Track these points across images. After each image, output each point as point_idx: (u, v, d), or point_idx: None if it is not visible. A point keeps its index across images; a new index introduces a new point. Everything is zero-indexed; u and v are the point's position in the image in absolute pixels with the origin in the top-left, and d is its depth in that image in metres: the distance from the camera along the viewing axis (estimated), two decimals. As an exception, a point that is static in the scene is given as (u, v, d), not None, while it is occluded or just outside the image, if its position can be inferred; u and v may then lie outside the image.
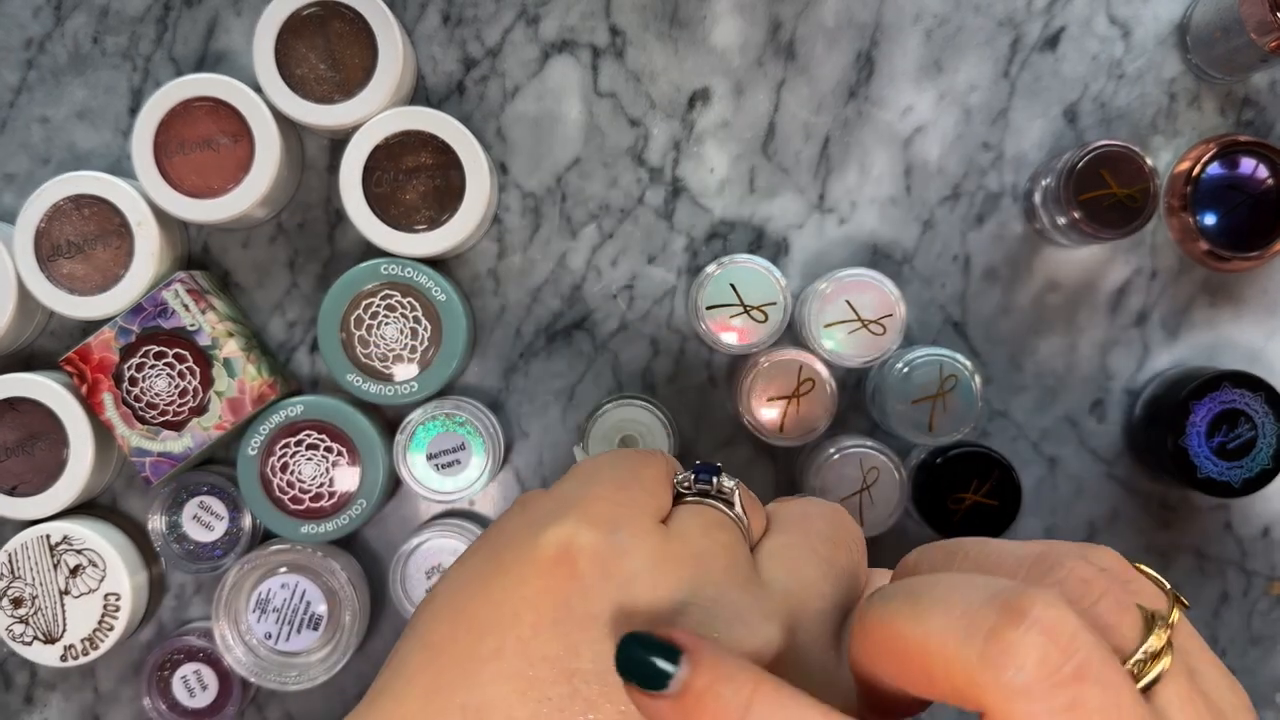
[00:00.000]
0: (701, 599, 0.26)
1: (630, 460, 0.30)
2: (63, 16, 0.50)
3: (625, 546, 0.27)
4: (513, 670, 0.25)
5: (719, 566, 0.27)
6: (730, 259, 0.47)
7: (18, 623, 0.48)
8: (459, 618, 0.27)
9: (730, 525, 0.29)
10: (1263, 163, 0.48)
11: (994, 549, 0.26)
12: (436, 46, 0.50)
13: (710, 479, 0.30)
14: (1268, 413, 0.47)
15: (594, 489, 0.28)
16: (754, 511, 0.30)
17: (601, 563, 0.26)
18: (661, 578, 0.26)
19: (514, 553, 0.27)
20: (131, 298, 0.47)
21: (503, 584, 0.27)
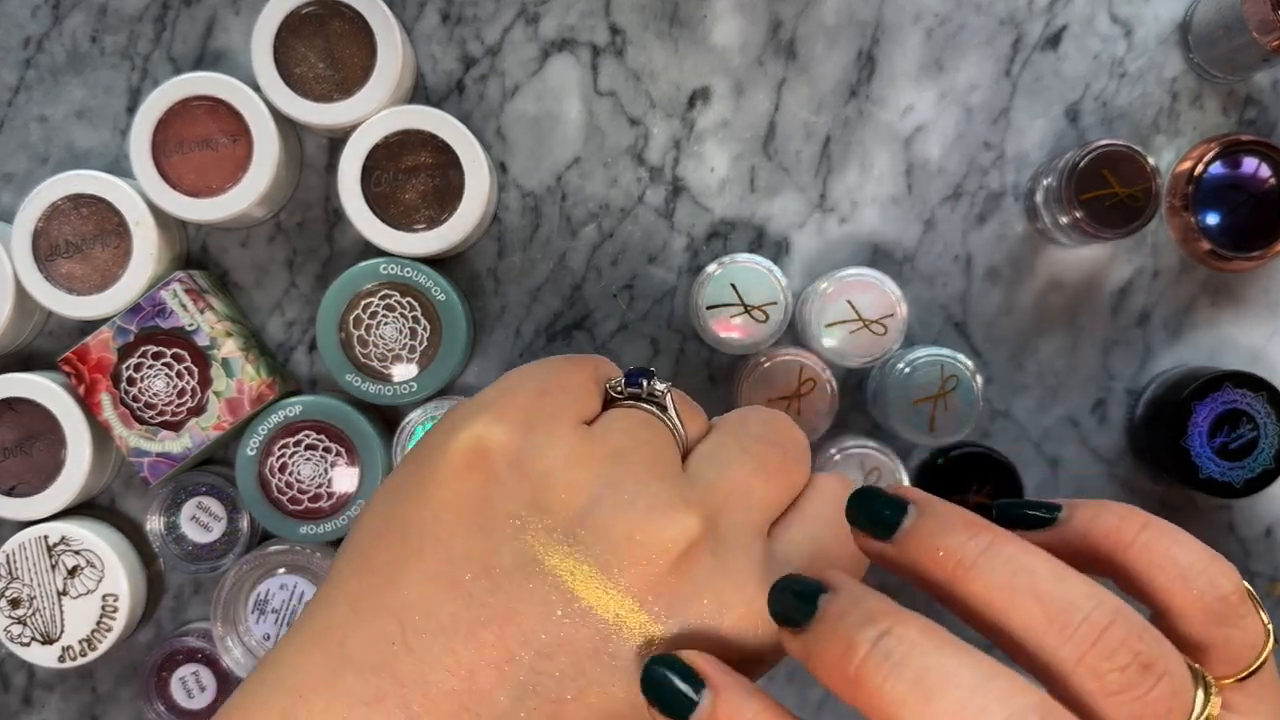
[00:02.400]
0: (619, 491, 0.27)
1: (555, 365, 0.30)
2: (61, 16, 0.50)
3: (540, 444, 0.27)
4: (435, 570, 0.26)
5: (640, 461, 0.28)
6: (731, 259, 0.47)
7: (16, 624, 0.48)
8: (385, 523, 0.28)
9: (656, 424, 0.29)
10: (1265, 162, 0.48)
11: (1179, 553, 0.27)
12: (436, 45, 0.50)
13: (641, 383, 0.30)
14: (1269, 413, 0.47)
15: (512, 393, 0.29)
16: (689, 416, 0.30)
17: (516, 460, 0.27)
18: (578, 473, 0.27)
19: (433, 456, 0.28)
20: (130, 297, 0.47)
21: (423, 486, 0.27)
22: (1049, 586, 0.24)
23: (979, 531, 0.25)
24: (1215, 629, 0.26)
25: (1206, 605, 0.25)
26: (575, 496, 0.27)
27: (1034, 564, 0.24)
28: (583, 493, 0.27)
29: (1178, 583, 0.26)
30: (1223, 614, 0.26)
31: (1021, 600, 0.24)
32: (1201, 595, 0.26)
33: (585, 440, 0.28)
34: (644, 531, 0.26)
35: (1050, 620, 0.24)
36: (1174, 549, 0.27)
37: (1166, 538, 0.27)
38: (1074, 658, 0.24)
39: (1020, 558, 0.24)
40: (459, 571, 0.26)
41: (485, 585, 0.26)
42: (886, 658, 0.23)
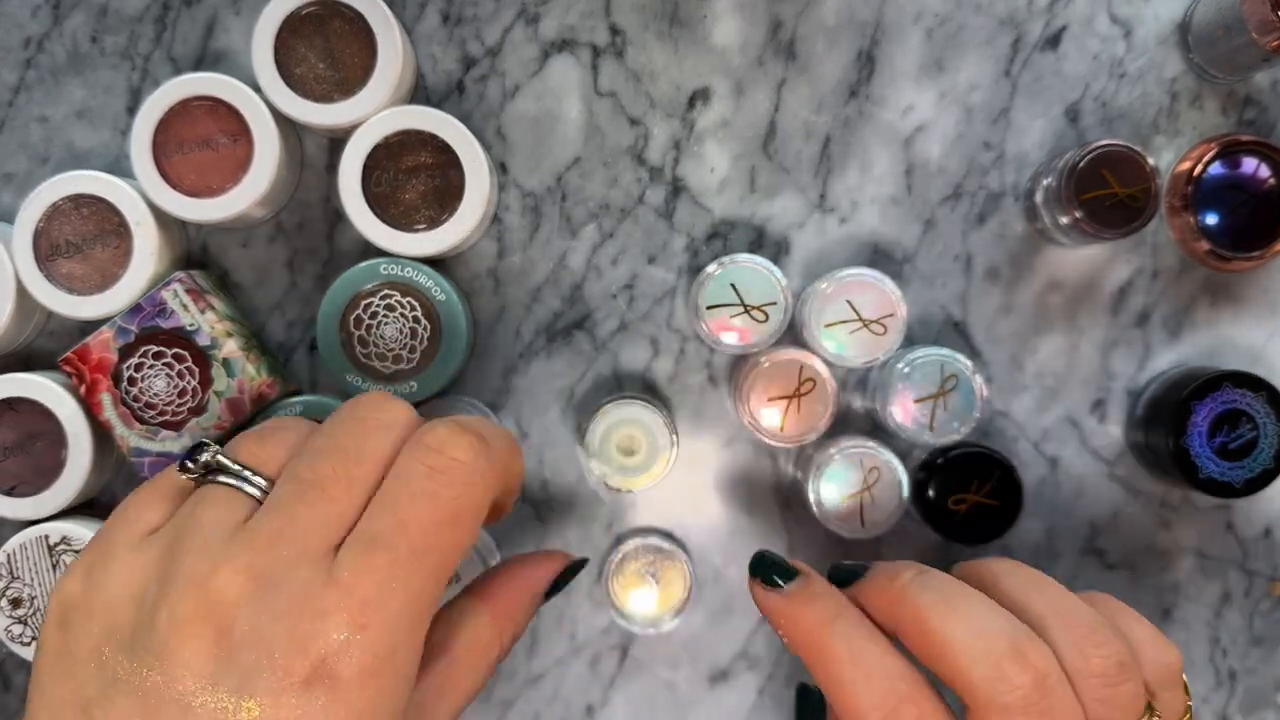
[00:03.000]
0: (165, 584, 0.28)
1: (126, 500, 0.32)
2: (61, 16, 0.50)
3: (99, 580, 0.30)
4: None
5: (184, 547, 0.29)
6: (730, 259, 0.47)
7: (16, 623, 0.48)
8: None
9: (211, 498, 0.30)
10: (1264, 162, 0.48)
11: (1051, 597, 0.34)
12: (436, 46, 0.50)
13: (193, 460, 0.31)
14: (1269, 413, 0.47)
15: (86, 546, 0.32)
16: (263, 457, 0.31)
17: (84, 604, 0.29)
18: (131, 588, 0.29)
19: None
20: (130, 297, 0.47)
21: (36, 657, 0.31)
22: (1067, 600, 0.34)
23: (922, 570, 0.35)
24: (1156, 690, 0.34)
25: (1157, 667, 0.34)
26: (129, 603, 0.28)
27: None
28: (134, 603, 0.28)
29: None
30: (1164, 678, 0.35)
31: (1036, 591, 0.34)
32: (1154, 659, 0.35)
33: (139, 553, 0.30)
34: (180, 609, 0.27)
35: (1060, 610, 0.32)
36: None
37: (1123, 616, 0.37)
38: (1071, 640, 0.31)
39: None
40: (62, 717, 0.28)
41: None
42: (924, 584, 0.33)
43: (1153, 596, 0.51)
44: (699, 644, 0.51)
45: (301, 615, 0.27)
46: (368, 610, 0.28)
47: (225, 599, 0.27)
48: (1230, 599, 0.51)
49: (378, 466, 0.30)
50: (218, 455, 0.31)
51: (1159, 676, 0.33)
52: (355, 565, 0.28)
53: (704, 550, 0.51)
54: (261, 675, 0.27)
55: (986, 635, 0.31)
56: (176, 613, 0.27)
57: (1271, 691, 0.51)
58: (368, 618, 0.28)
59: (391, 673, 0.28)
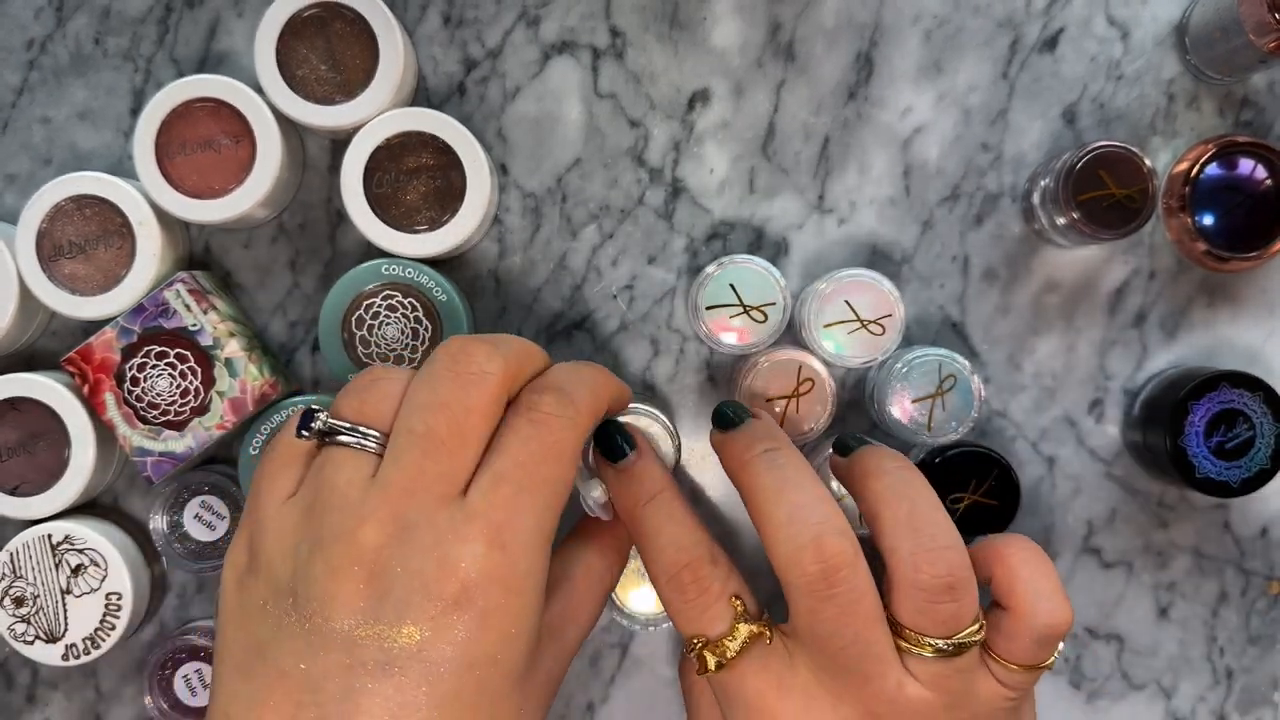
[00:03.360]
0: (313, 540, 0.32)
1: (258, 468, 0.36)
2: (64, 17, 0.50)
3: (256, 542, 0.33)
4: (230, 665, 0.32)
5: (322, 506, 0.32)
6: (730, 259, 0.47)
7: (19, 622, 0.48)
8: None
9: (335, 461, 0.33)
10: (1261, 163, 0.48)
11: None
12: (437, 48, 0.50)
13: (309, 428, 0.35)
14: (1266, 413, 0.47)
15: (244, 509, 0.37)
16: (371, 415, 0.34)
17: (248, 565, 0.34)
18: (284, 544, 0.33)
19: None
20: (133, 298, 0.47)
21: (218, 614, 0.34)
22: (926, 513, 0.37)
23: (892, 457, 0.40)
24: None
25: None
26: (288, 560, 0.32)
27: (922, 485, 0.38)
28: (290, 558, 0.32)
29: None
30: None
31: (902, 499, 0.37)
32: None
33: (284, 514, 0.33)
34: (334, 560, 0.31)
35: (913, 521, 0.36)
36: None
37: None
38: (908, 549, 0.35)
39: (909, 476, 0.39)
40: (246, 661, 0.32)
41: (260, 662, 0.31)
42: (770, 461, 0.38)
43: (1150, 595, 0.52)
44: (698, 642, 0.52)
45: (445, 546, 0.31)
46: (503, 533, 0.32)
47: (373, 545, 0.31)
48: (1227, 598, 0.52)
49: (483, 418, 0.33)
50: (329, 421, 0.34)
51: (1040, 633, 0.36)
52: (486, 498, 0.32)
53: (703, 549, 0.51)
54: (416, 602, 0.30)
55: (796, 523, 0.35)
56: (331, 563, 0.31)
57: (1268, 690, 0.52)
58: (504, 539, 0.32)
59: (530, 590, 0.32)
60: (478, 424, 0.33)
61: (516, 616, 0.32)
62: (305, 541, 0.32)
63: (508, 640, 0.32)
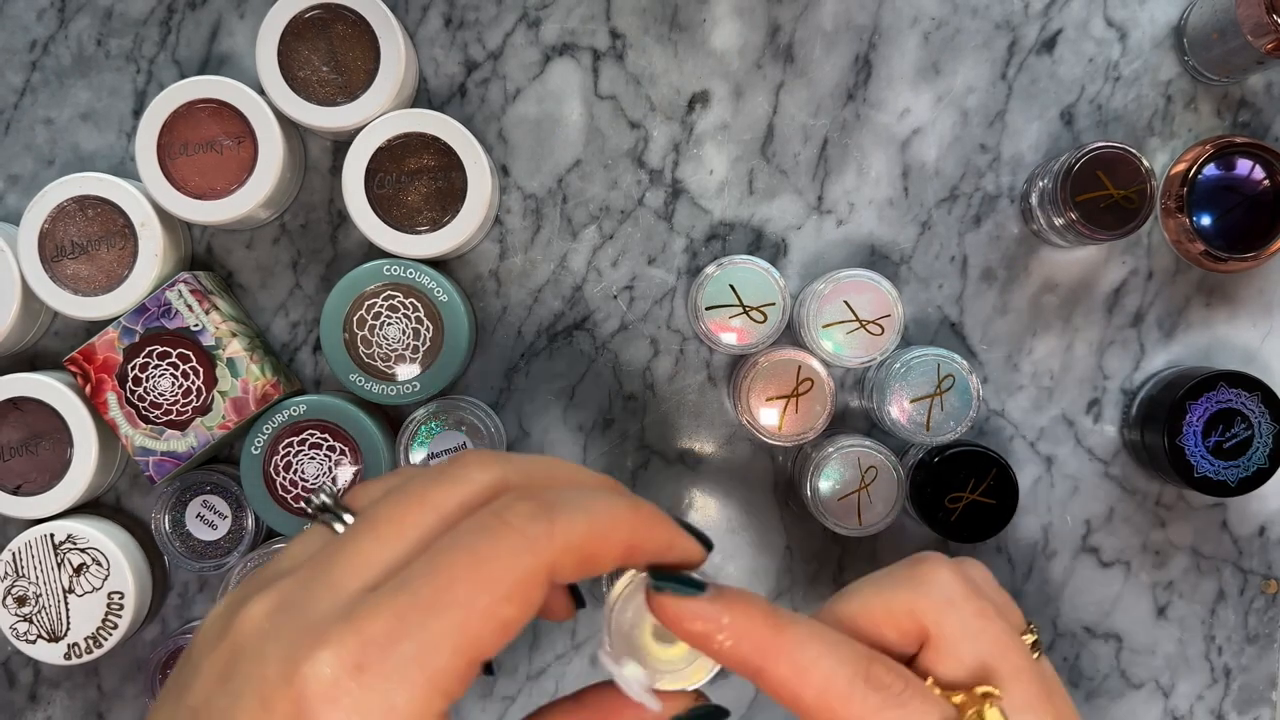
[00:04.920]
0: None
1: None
2: (67, 19, 0.50)
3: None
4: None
5: (260, 579, 0.29)
6: (729, 260, 0.47)
7: (22, 621, 0.48)
8: None
9: (310, 533, 0.30)
10: (1259, 164, 0.48)
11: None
12: (438, 49, 0.50)
13: (311, 504, 0.31)
14: (1263, 412, 0.47)
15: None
16: (360, 496, 0.31)
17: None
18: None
19: None
20: (135, 298, 0.47)
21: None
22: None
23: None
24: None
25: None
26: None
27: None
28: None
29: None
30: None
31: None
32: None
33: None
34: (216, 627, 0.28)
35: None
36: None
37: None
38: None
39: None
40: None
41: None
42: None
43: (1148, 594, 0.52)
44: (698, 642, 0.52)
45: (300, 644, 0.26)
46: (367, 651, 0.26)
47: (246, 621, 0.27)
48: (1225, 597, 0.52)
49: (438, 516, 0.28)
50: (326, 498, 0.31)
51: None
52: (376, 603, 0.26)
53: (703, 549, 0.51)
54: (250, 701, 0.26)
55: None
56: (214, 628, 0.28)
57: (1266, 688, 0.52)
58: (365, 659, 0.25)
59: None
60: (428, 519, 0.28)
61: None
62: (220, 602, 0.30)
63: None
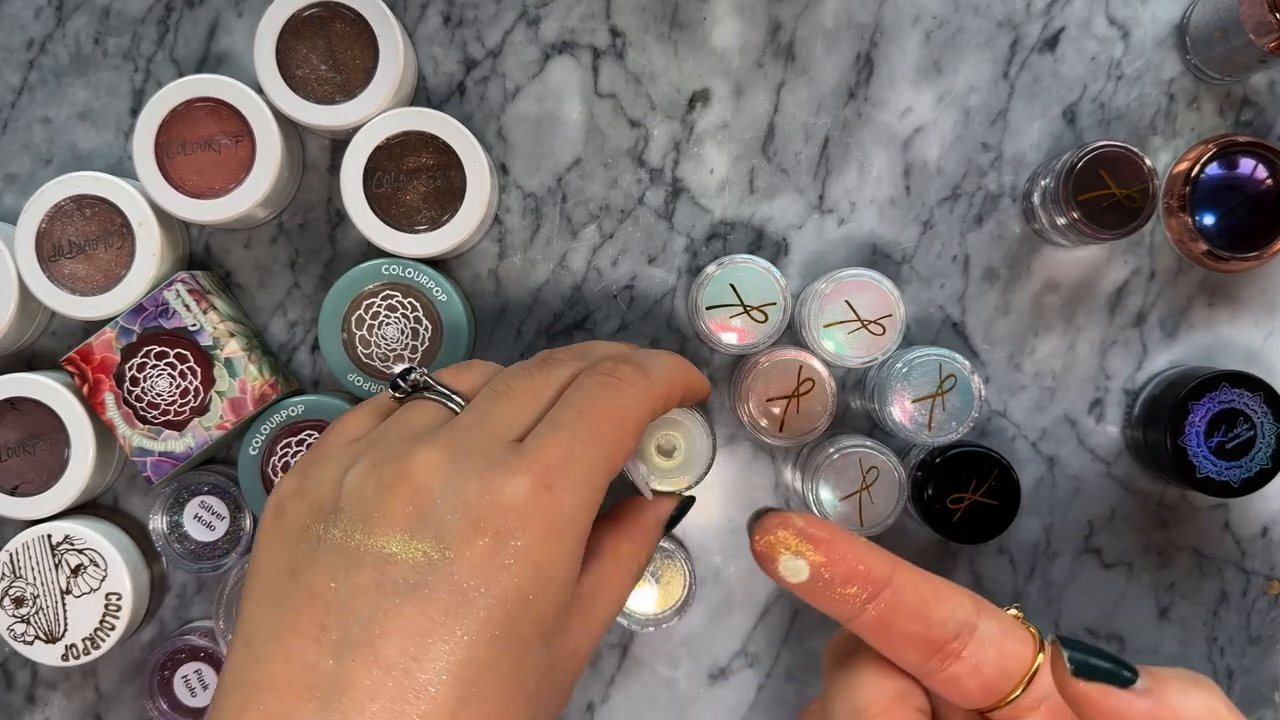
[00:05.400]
0: (367, 461, 0.32)
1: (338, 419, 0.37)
2: (64, 17, 0.50)
3: (314, 471, 0.33)
4: (260, 594, 0.31)
5: (386, 435, 0.33)
6: (730, 259, 0.47)
7: (19, 622, 0.48)
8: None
9: (420, 407, 0.35)
10: (1261, 163, 0.48)
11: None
12: (437, 47, 0.50)
13: (399, 384, 0.36)
14: (1266, 413, 0.47)
15: (302, 456, 0.38)
16: (462, 382, 0.36)
17: (297, 491, 0.33)
18: (338, 470, 0.33)
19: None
20: (133, 298, 0.47)
21: (254, 547, 0.34)
22: None
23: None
24: None
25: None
26: (337, 484, 0.32)
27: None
28: (341, 477, 0.32)
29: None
30: None
31: None
32: None
33: (346, 449, 0.34)
34: (385, 478, 0.31)
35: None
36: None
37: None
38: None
39: None
40: (276, 587, 0.31)
41: (291, 584, 0.30)
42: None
43: (1150, 595, 0.52)
44: (698, 642, 0.52)
45: (494, 474, 0.31)
46: (552, 474, 0.31)
47: (423, 467, 0.31)
48: (1227, 598, 0.52)
49: (559, 388, 0.35)
50: (425, 376, 0.35)
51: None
52: (541, 439, 0.32)
53: (704, 549, 0.51)
54: (455, 525, 0.30)
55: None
56: (382, 480, 0.31)
57: (1269, 690, 0.52)
58: (552, 480, 0.31)
59: (571, 537, 0.32)
60: (553, 393, 0.35)
61: (553, 560, 0.31)
62: (361, 463, 0.32)
63: (541, 583, 0.31)
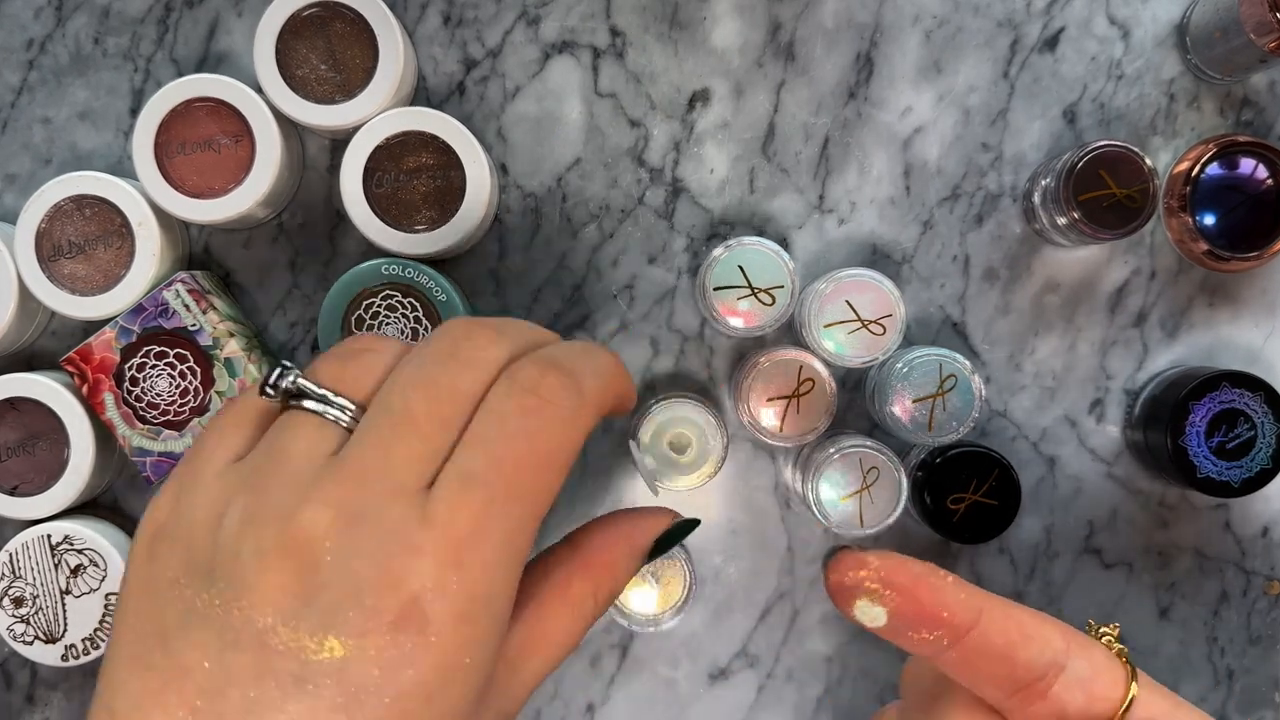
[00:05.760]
0: (247, 513, 0.27)
1: (206, 427, 0.31)
2: (64, 17, 0.50)
3: (184, 506, 0.28)
4: (125, 654, 0.27)
5: (270, 473, 0.28)
6: (738, 241, 0.47)
7: (19, 622, 0.48)
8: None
9: (297, 424, 0.29)
10: (1262, 163, 0.48)
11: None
12: (437, 47, 0.50)
13: (277, 386, 0.29)
14: (1267, 413, 0.47)
15: (169, 476, 0.30)
16: (349, 383, 0.29)
17: (169, 529, 0.28)
18: (211, 514, 0.28)
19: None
20: (132, 298, 0.47)
21: (122, 588, 0.29)
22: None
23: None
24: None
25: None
26: (210, 533, 0.27)
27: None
28: (216, 530, 0.27)
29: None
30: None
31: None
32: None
33: (223, 480, 0.28)
34: (264, 542, 0.26)
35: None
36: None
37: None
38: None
39: None
40: (143, 649, 0.27)
41: (159, 651, 0.26)
42: None
43: (1150, 595, 0.52)
44: (699, 642, 0.52)
45: (393, 552, 0.26)
46: (462, 549, 0.27)
47: (311, 534, 0.26)
48: (1228, 598, 0.52)
49: (470, 403, 0.29)
50: (298, 380, 0.29)
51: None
52: (451, 502, 0.27)
53: (704, 549, 0.51)
54: (347, 614, 0.26)
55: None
56: (259, 545, 0.26)
57: (1269, 690, 0.52)
58: (462, 557, 0.26)
59: (486, 618, 0.27)
60: (464, 410, 0.28)
61: (464, 648, 0.26)
62: (237, 511, 0.27)
63: (449, 675, 0.26)
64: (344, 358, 0.30)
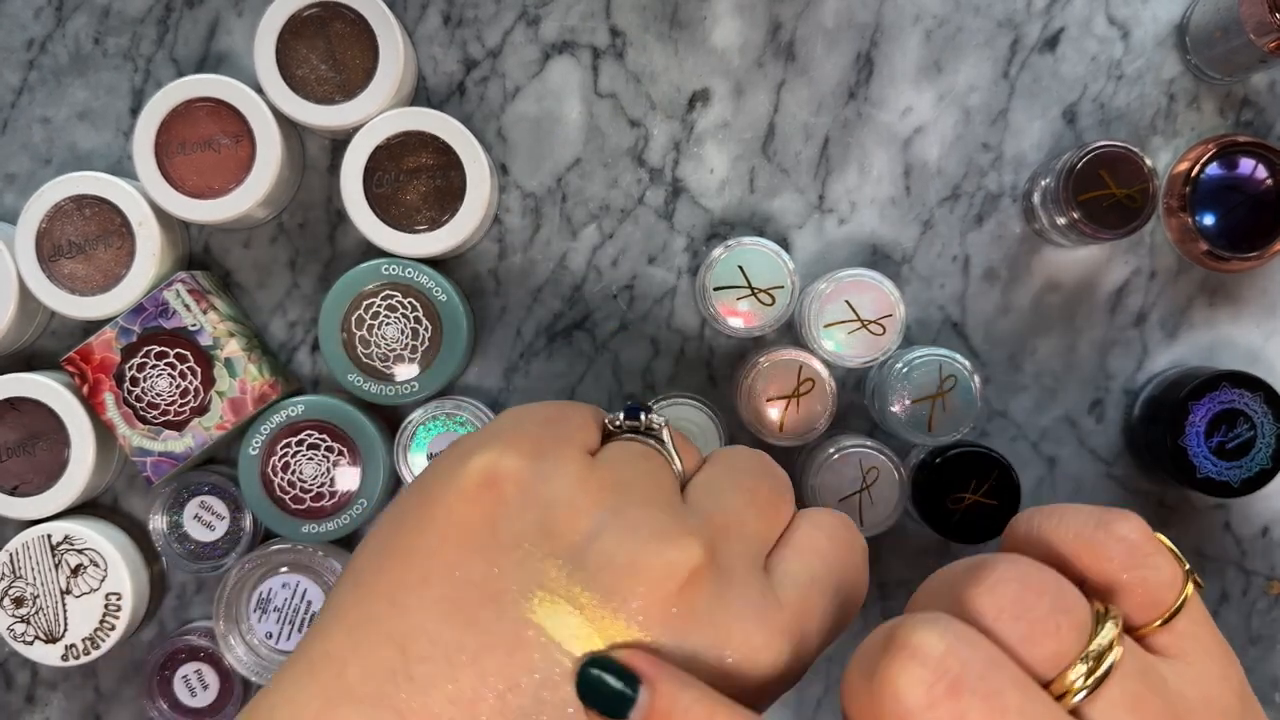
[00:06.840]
0: (623, 519, 0.27)
1: (558, 404, 0.31)
2: (64, 17, 0.50)
3: (548, 472, 0.28)
4: (439, 595, 0.26)
5: (641, 490, 0.28)
6: (738, 241, 0.47)
7: (19, 622, 0.48)
8: (388, 550, 0.27)
9: (655, 456, 0.30)
10: (1262, 163, 0.48)
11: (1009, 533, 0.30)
12: (437, 47, 0.50)
13: (639, 416, 0.31)
14: (1266, 413, 0.47)
15: (520, 423, 0.30)
16: (685, 449, 0.31)
17: (524, 487, 0.27)
18: (582, 500, 0.27)
19: (440, 482, 0.28)
20: (133, 298, 0.47)
21: (430, 513, 0.27)
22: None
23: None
24: (1122, 573, 0.26)
25: (1107, 552, 0.26)
26: (580, 523, 0.27)
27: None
28: (588, 520, 0.27)
29: (1074, 543, 0.27)
30: (1127, 557, 0.26)
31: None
32: (1101, 544, 0.26)
33: (590, 469, 0.28)
34: (648, 559, 0.26)
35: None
36: (1062, 519, 0.28)
37: (1051, 515, 0.28)
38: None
39: None
40: (465, 597, 0.26)
41: (492, 612, 0.25)
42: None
43: (1151, 596, 0.52)
44: (699, 643, 0.51)
45: (755, 623, 0.27)
46: (805, 640, 0.28)
47: (686, 568, 0.26)
48: (1228, 598, 0.52)
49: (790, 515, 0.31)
50: (666, 425, 0.31)
51: (1120, 559, 0.27)
52: (798, 591, 0.28)
53: (704, 549, 0.51)
54: (703, 661, 0.26)
55: (865, 654, 0.27)
56: (635, 557, 0.26)
57: (1270, 690, 0.52)
58: (801, 650, 0.28)
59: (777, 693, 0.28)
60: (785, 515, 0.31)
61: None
62: (616, 520, 0.27)
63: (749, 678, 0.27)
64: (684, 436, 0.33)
